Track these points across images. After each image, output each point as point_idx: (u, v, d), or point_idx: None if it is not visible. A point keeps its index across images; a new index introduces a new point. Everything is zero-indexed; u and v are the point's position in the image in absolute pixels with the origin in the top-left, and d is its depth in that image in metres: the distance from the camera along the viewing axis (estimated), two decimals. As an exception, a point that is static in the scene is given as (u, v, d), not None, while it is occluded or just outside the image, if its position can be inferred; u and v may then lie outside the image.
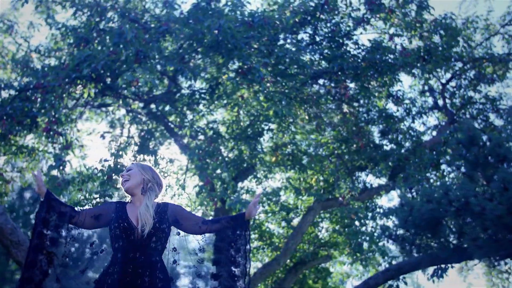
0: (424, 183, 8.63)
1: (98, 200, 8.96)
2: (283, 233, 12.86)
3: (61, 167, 7.40)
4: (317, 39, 10.62)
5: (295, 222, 12.34)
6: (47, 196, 3.89)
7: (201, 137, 10.56)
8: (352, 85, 10.62)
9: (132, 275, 3.73)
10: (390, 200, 12.48)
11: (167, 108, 10.34)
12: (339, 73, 9.79)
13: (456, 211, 5.82)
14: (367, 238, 9.65)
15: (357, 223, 10.14)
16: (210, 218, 4.49)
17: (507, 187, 5.53)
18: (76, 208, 3.96)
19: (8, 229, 6.91)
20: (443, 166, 10.13)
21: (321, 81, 10.33)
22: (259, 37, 9.09)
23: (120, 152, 9.11)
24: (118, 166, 9.49)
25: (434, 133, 12.71)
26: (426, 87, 12.74)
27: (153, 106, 10.64)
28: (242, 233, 4.01)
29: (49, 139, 7.86)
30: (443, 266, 7.41)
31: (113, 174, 9.43)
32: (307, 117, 10.42)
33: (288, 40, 10.09)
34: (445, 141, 9.92)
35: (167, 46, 8.85)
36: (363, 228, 10.08)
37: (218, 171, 8.32)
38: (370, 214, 10.46)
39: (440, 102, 12.60)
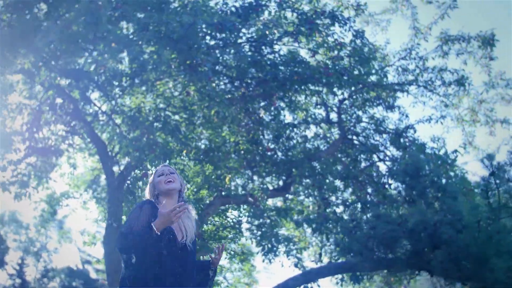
0: (339, 194, 9.49)
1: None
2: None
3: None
4: (239, 41, 10.90)
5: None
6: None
7: (118, 120, 10.28)
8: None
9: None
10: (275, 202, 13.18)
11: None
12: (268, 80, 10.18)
13: (410, 231, 6.70)
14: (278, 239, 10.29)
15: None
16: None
17: (460, 218, 6.55)
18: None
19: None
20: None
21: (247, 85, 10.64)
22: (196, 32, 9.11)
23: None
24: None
25: (318, 142, 13.83)
26: (319, 100, 13.77)
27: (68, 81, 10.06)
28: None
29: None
30: (358, 273, 8.32)
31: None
32: (237, 115, 10.66)
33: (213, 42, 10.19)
34: (355, 158, 10.94)
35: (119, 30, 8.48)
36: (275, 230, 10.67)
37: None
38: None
39: (333, 115, 13.72)
